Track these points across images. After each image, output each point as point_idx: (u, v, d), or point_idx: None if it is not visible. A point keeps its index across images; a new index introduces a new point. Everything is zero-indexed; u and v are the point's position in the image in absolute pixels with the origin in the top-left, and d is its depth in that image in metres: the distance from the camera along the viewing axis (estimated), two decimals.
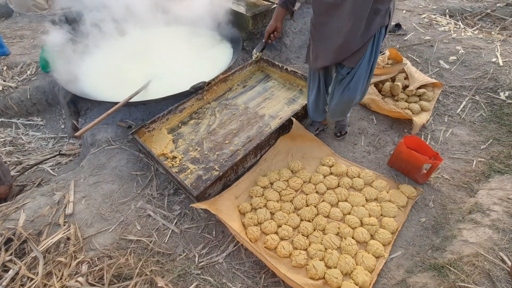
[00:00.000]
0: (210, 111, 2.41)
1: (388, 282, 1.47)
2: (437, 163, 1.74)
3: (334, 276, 1.44)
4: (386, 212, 1.70)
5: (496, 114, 2.20)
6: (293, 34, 3.21)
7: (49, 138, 2.92)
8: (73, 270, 1.45)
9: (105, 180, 1.96)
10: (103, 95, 2.40)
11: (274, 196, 1.81)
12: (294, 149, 2.08)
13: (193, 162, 2.02)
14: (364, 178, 1.88)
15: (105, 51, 3.02)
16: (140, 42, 3.04)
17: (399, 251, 1.59)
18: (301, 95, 2.51)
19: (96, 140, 2.23)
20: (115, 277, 1.43)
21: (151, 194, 1.89)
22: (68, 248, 1.56)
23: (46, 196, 1.86)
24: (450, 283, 1.33)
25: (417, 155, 1.75)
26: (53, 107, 3.08)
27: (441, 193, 1.81)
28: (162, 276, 1.47)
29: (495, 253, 1.40)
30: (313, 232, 1.65)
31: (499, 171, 1.81)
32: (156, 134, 2.19)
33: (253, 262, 1.58)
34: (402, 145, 1.82)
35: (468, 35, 2.99)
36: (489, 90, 2.39)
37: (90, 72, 2.75)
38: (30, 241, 1.57)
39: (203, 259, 1.59)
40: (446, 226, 1.64)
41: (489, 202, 1.64)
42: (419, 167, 1.80)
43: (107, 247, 1.59)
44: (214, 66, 2.64)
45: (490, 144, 2.03)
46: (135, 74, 2.57)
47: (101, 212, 1.77)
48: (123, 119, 2.35)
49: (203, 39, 3.01)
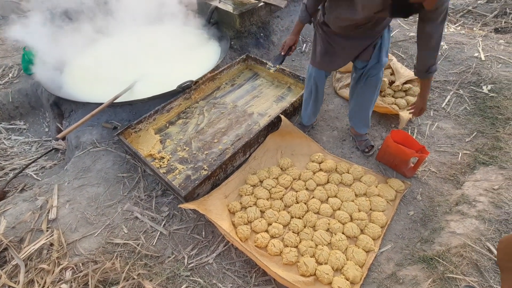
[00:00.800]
0: (198, 110, 2.38)
1: (378, 276, 1.47)
2: (423, 156, 1.75)
3: (325, 272, 1.43)
4: (375, 207, 1.71)
5: (480, 107, 2.25)
6: (281, 32, 3.21)
7: (33, 142, 2.82)
8: (56, 277, 1.39)
9: (90, 183, 1.90)
10: (87, 97, 2.33)
11: (264, 194, 1.80)
12: (283, 147, 2.07)
13: (181, 162, 1.99)
14: (353, 174, 1.89)
15: (90, 51, 2.95)
16: (126, 42, 2.98)
17: (389, 244, 1.59)
18: (290, 92, 2.51)
19: (81, 143, 2.17)
20: (101, 282, 1.39)
21: (139, 196, 1.85)
22: (51, 254, 1.50)
23: (28, 201, 1.80)
24: (439, 275, 1.34)
25: (404, 149, 1.77)
26: (36, 110, 2.99)
27: (429, 186, 1.83)
28: (150, 280, 1.43)
29: (482, 243, 1.42)
30: (304, 229, 1.64)
31: (484, 162, 1.84)
32: (143, 134, 2.15)
33: (244, 261, 1.56)
34: (389, 140, 1.83)
35: (451, 31, 3.06)
36: (472, 84, 2.44)
37: (74, 73, 2.68)
38: (11, 249, 1.50)
39: (193, 261, 1.56)
40: (434, 218, 1.66)
41: (475, 194, 1.66)
42: (407, 160, 1.82)
43: (92, 252, 1.54)
44: (201, 65, 2.61)
45: (474, 136, 2.07)
46: (121, 74, 2.52)
47: (86, 216, 1.72)
48: (109, 120, 2.30)
49: (190, 38, 2.98)
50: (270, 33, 3.16)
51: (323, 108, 2.40)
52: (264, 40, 3.12)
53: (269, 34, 3.16)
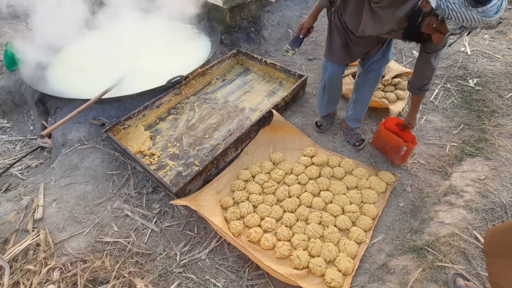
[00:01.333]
0: (189, 106, 2.34)
1: (370, 267, 1.49)
2: (411, 147, 1.78)
3: (317, 264, 1.44)
4: (367, 199, 1.73)
5: (466, 101, 2.30)
6: (272, 26, 3.20)
7: (17, 140, 2.73)
8: (43, 278, 1.36)
9: (78, 181, 1.85)
10: (73, 93, 2.26)
11: (256, 189, 1.79)
12: (275, 141, 2.07)
13: (172, 159, 1.96)
14: (345, 167, 1.90)
15: (75, 45, 2.86)
16: (113, 36, 2.90)
17: (380, 236, 1.62)
18: (281, 87, 2.50)
19: (68, 140, 2.11)
20: (90, 281, 1.36)
21: (129, 194, 1.81)
22: (37, 255, 1.46)
23: (13, 201, 1.74)
24: (429, 264, 1.37)
25: (394, 137, 1.80)
26: (20, 107, 2.88)
27: (418, 178, 1.86)
28: (141, 277, 1.41)
29: (469, 232, 1.46)
30: (296, 223, 1.64)
31: (471, 154, 1.88)
32: (132, 131, 2.10)
33: (237, 256, 1.56)
34: (382, 126, 1.87)
35: None
36: (459, 78, 2.49)
37: (59, 69, 2.60)
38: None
39: (185, 257, 1.54)
40: (423, 209, 1.69)
41: (462, 184, 1.70)
42: (396, 148, 1.84)
43: (81, 251, 1.50)
44: (191, 60, 2.57)
45: (461, 129, 2.12)
46: (108, 70, 2.45)
47: (74, 215, 1.67)
48: (96, 117, 2.24)
49: (180, 32, 2.92)
50: (261, 27, 3.14)
51: (314, 102, 2.41)
52: (255, 35, 3.10)
53: (260, 29, 3.13)
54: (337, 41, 1.66)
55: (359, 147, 2.05)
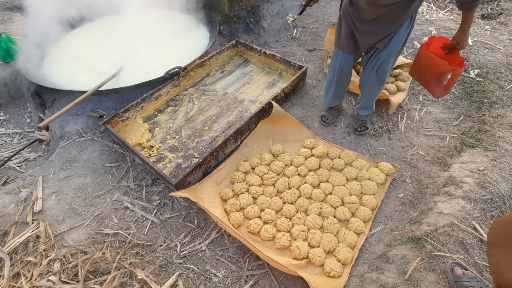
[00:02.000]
0: (187, 98, 2.32)
1: (369, 257, 1.50)
2: (458, 71, 1.44)
3: (317, 254, 1.45)
4: (366, 190, 1.73)
5: (467, 92, 2.29)
6: (271, 17, 3.14)
7: (14, 133, 2.70)
8: (44, 269, 1.36)
9: (77, 174, 1.84)
10: (70, 85, 2.23)
11: (256, 181, 1.79)
12: (275, 133, 2.06)
13: (171, 151, 1.95)
14: (345, 159, 1.90)
15: (73, 37, 2.81)
16: (111, 27, 2.85)
17: (379, 226, 1.62)
18: (281, 79, 2.47)
19: (66, 133, 2.09)
20: (91, 272, 1.36)
21: (128, 186, 1.81)
22: (38, 247, 1.46)
23: (12, 194, 1.73)
24: (427, 253, 1.38)
25: (436, 59, 1.49)
26: (17, 100, 2.84)
27: (417, 169, 1.87)
28: (142, 268, 1.42)
29: (468, 222, 1.47)
30: (296, 214, 1.65)
31: (470, 145, 1.88)
32: (131, 123, 2.08)
33: (237, 247, 1.57)
34: (423, 48, 1.55)
35: (440, 16, 3.06)
36: None
37: (56, 61, 2.55)
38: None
39: (185, 248, 1.55)
40: (422, 200, 1.69)
41: (461, 175, 1.71)
42: (438, 74, 1.52)
43: (81, 242, 1.50)
44: (190, 51, 2.53)
45: (461, 120, 2.11)
46: (106, 61, 2.41)
47: (73, 207, 1.67)
48: (94, 109, 2.21)
49: (178, 23, 2.87)
50: (260, 18, 3.09)
51: (314, 94, 2.39)
52: (254, 26, 3.05)
53: (259, 19, 3.08)
54: (344, 30, 1.71)
55: (359, 132, 2.06)
